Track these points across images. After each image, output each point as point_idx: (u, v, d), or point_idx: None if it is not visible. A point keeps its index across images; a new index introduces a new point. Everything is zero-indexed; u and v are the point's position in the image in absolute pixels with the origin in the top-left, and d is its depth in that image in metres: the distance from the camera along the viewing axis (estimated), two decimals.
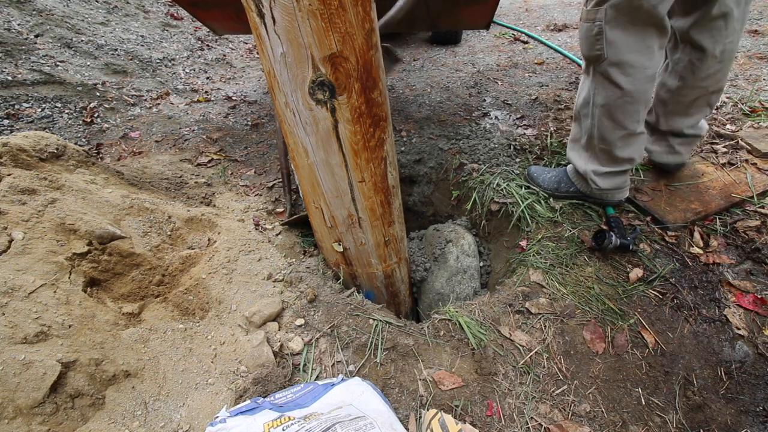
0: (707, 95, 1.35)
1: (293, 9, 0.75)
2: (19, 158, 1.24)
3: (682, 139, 1.48)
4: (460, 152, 1.97)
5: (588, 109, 1.31)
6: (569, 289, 1.27)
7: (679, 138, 1.48)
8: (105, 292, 1.12)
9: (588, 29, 1.16)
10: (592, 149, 1.38)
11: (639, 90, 1.17)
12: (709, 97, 1.36)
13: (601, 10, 1.10)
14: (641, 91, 1.18)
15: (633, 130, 1.26)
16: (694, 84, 1.31)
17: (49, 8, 2.84)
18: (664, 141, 1.52)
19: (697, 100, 1.36)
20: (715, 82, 1.30)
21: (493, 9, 2.05)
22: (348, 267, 1.37)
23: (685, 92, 1.35)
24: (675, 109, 1.40)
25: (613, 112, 1.24)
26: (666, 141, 1.51)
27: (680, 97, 1.37)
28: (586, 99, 1.31)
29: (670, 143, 1.50)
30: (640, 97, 1.19)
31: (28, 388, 0.79)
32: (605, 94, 1.22)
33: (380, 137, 1.02)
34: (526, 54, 3.33)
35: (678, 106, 1.39)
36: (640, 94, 1.18)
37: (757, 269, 1.28)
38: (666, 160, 1.55)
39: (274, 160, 2.03)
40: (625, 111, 1.22)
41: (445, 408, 0.99)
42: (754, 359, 1.12)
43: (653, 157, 1.58)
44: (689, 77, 1.31)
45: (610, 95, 1.21)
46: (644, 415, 1.04)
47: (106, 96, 2.45)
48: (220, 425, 0.79)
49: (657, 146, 1.55)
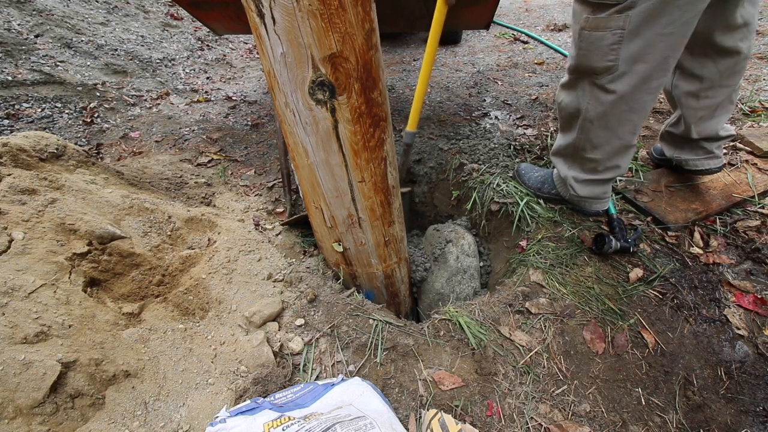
0: (732, 93, 1.33)
1: (293, 9, 0.75)
2: (19, 158, 1.24)
3: (720, 142, 1.44)
4: (460, 152, 1.97)
5: (577, 122, 1.27)
6: (569, 289, 1.27)
7: (717, 142, 1.44)
8: (105, 292, 1.12)
9: (599, 38, 1.05)
10: (579, 159, 1.35)
11: (642, 100, 1.13)
12: (732, 95, 1.33)
13: (622, 18, 1.00)
14: (644, 101, 1.13)
15: (629, 141, 1.23)
16: (722, 83, 1.28)
17: (49, 8, 2.84)
18: (700, 149, 1.46)
19: (723, 100, 1.33)
20: (739, 78, 1.29)
21: (493, 9, 2.05)
22: (348, 267, 1.37)
23: (713, 93, 1.31)
24: (704, 114, 1.36)
25: (610, 123, 1.19)
26: (703, 148, 1.46)
27: (709, 100, 1.32)
28: (574, 113, 1.26)
29: (708, 148, 1.45)
30: (639, 107, 1.14)
31: (28, 388, 0.79)
32: (603, 108, 1.16)
33: (380, 137, 1.02)
34: (526, 54, 3.33)
35: (707, 111, 1.35)
36: (641, 104, 1.14)
37: (757, 269, 1.28)
38: (708, 166, 1.49)
39: (274, 160, 2.03)
40: (623, 121, 1.17)
41: (445, 408, 0.99)
42: (754, 359, 1.12)
43: (691, 166, 1.50)
44: (715, 77, 1.27)
45: (608, 107, 1.15)
46: (644, 415, 1.04)
47: (106, 96, 2.45)
48: (220, 425, 0.79)
49: (693, 155, 1.49)
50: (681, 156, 1.52)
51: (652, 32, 1.01)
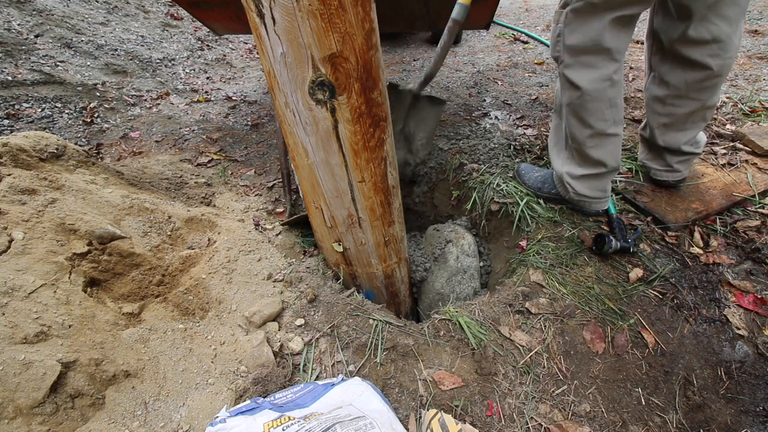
0: (703, 110, 1.31)
1: (293, 9, 0.75)
2: (19, 158, 1.24)
3: (680, 157, 1.45)
4: (460, 152, 1.97)
5: (561, 109, 1.34)
6: (569, 289, 1.27)
7: (678, 156, 1.45)
8: (105, 292, 1.12)
9: (552, 30, 1.22)
10: (569, 149, 1.38)
11: (597, 89, 1.18)
12: (705, 112, 1.32)
13: (563, 13, 1.14)
14: (599, 90, 1.19)
15: (601, 129, 1.25)
16: (688, 95, 1.28)
17: (49, 8, 2.84)
18: (662, 159, 1.49)
19: (693, 114, 1.32)
20: (710, 95, 1.27)
21: (493, 9, 2.05)
22: (348, 267, 1.37)
23: (679, 103, 1.31)
24: (670, 122, 1.37)
25: (578, 111, 1.25)
26: (663, 159, 1.48)
27: (674, 108, 1.33)
28: (559, 99, 1.33)
29: (668, 161, 1.47)
30: (599, 95, 1.20)
31: (28, 388, 0.79)
32: (568, 94, 1.25)
33: (380, 137, 1.03)
34: (526, 54, 3.33)
35: (673, 119, 1.36)
36: (599, 92, 1.19)
37: (757, 269, 1.28)
38: (665, 178, 1.52)
39: (274, 160, 2.03)
40: (587, 110, 1.23)
41: (445, 408, 0.99)
42: (754, 359, 1.12)
43: (652, 175, 1.57)
44: (682, 87, 1.27)
45: (571, 95, 1.23)
46: (644, 415, 1.04)
47: (106, 96, 2.45)
48: (220, 425, 0.79)
49: (655, 164, 1.53)
50: (647, 163, 1.58)
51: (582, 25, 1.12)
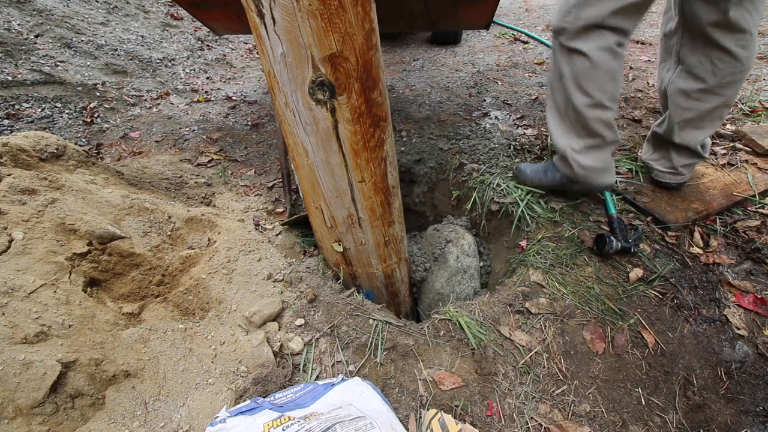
0: (722, 107, 1.33)
1: (293, 9, 0.75)
2: (19, 158, 1.24)
3: (688, 160, 1.47)
4: (460, 152, 1.97)
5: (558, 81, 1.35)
6: (569, 289, 1.27)
7: (686, 158, 1.46)
8: (105, 292, 1.12)
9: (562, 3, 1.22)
10: (568, 119, 1.39)
11: (602, 58, 1.21)
12: (723, 110, 1.35)
13: None
14: (603, 60, 1.21)
15: (599, 100, 1.27)
16: (714, 90, 1.29)
17: (49, 8, 2.84)
18: (667, 160, 1.50)
19: (713, 111, 1.34)
20: (733, 92, 1.30)
21: (493, 9, 2.04)
22: (348, 267, 1.37)
23: (705, 98, 1.32)
24: (692, 117, 1.37)
25: (580, 80, 1.27)
26: (670, 161, 1.49)
27: (698, 104, 1.34)
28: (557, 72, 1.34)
29: (674, 163, 1.49)
30: (603, 65, 1.22)
31: (28, 388, 0.79)
32: (573, 63, 1.26)
33: (380, 137, 1.02)
34: (526, 54, 3.33)
35: (695, 114, 1.36)
36: (603, 62, 1.22)
37: (757, 269, 1.28)
38: (668, 180, 1.53)
39: (274, 160, 2.03)
40: (590, 78, 1.25)
41: (445, 408, 0.99)
42: (754, 359, 1.12)
43: (654, 175, 1.58)
44: (710, 80, 1.28)
45: (576, 64, 1.25)
46: (644, 415, 1.04)
47: (106, 96, 2.45)
48: (220, 425, 0.79)
49: (659, 165, 1.54)
50: (650, 162, 1.58)
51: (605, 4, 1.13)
